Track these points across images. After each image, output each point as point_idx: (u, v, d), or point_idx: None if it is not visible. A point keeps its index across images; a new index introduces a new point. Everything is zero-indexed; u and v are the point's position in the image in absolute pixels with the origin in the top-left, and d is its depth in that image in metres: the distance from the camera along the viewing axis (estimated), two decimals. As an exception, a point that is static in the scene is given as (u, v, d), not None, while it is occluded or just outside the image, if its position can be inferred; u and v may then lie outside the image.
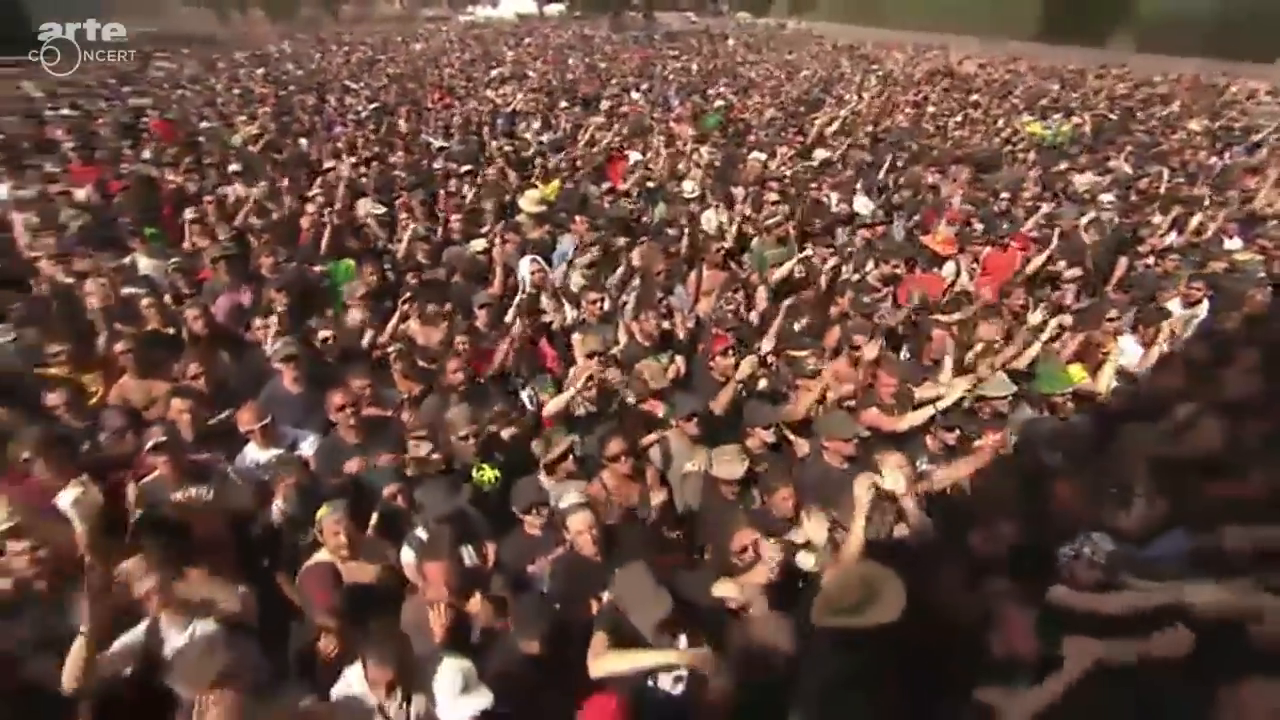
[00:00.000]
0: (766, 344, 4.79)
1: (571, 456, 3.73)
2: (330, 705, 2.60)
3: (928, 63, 20.75)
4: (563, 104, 12.63)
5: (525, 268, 5.64)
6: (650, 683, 2.88)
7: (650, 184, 8.18)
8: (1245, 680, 2.26)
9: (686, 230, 6.43)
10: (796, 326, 5.07)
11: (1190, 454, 3.79)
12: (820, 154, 9.44)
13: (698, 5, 41.97)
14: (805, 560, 3.27)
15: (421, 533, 3.22)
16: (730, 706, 2.98)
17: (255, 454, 3.76)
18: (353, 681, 2.65)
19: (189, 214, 6.58)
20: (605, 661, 2.60)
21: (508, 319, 4.92)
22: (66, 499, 2.62)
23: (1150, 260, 6.62)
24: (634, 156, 9.06)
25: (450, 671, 2.66)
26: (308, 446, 3.88)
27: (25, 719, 2.56)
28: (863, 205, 7.62)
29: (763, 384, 4.65)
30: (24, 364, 4.34)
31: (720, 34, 29.19)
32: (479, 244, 6.20)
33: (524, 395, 4.56)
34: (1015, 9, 30.94)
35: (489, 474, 3.78)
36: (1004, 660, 2.68)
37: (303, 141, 10.14)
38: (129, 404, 4.06)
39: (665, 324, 5.14)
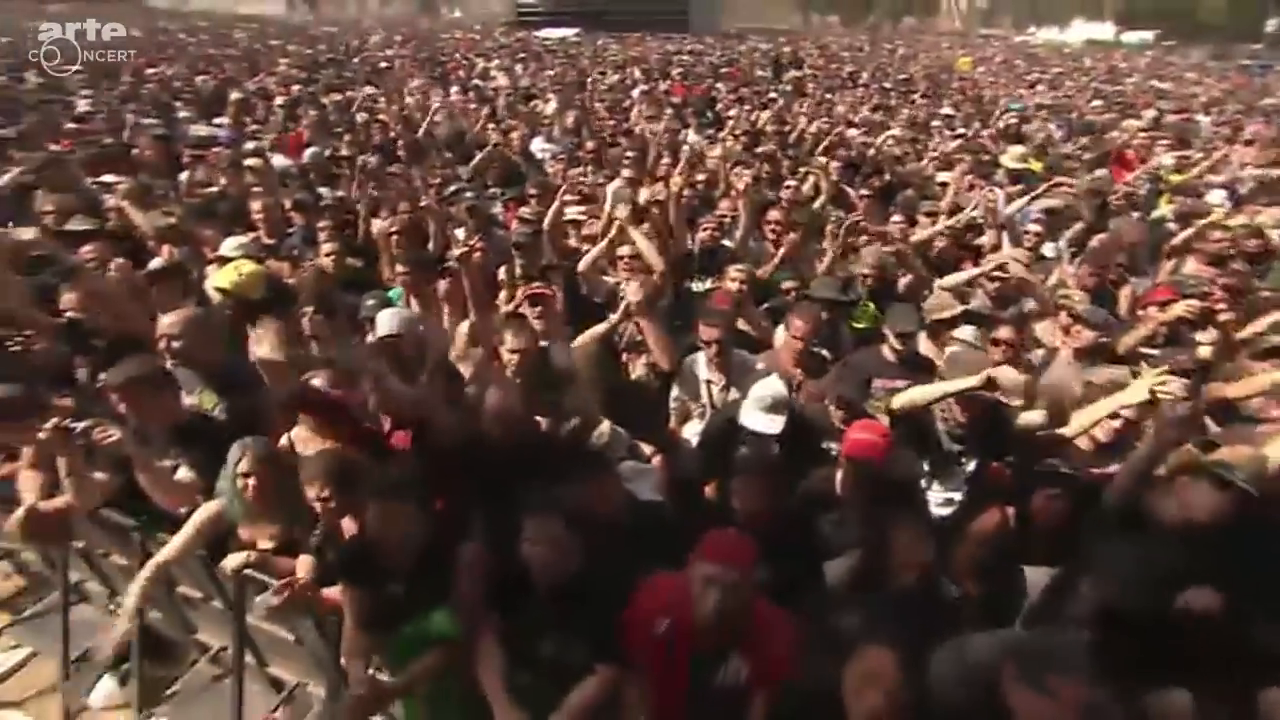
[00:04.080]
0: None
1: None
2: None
3: None
4: (1096, 102, 11.63)
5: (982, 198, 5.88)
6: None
7: (1162, 184, 7.30)
8: None
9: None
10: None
11: None
12: None
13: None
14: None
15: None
16: None
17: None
18: (699, 359, 3.54)
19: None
20: (903, 398, 3.04)
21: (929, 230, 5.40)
22: None
23: None
24: (1164, 160, 8.10)
25: (767, 384, 3.08)
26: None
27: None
28: None
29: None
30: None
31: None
32: (945, 176, 6.71)
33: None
34: None
35: (869, 311, 4.42)
36: None
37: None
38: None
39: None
